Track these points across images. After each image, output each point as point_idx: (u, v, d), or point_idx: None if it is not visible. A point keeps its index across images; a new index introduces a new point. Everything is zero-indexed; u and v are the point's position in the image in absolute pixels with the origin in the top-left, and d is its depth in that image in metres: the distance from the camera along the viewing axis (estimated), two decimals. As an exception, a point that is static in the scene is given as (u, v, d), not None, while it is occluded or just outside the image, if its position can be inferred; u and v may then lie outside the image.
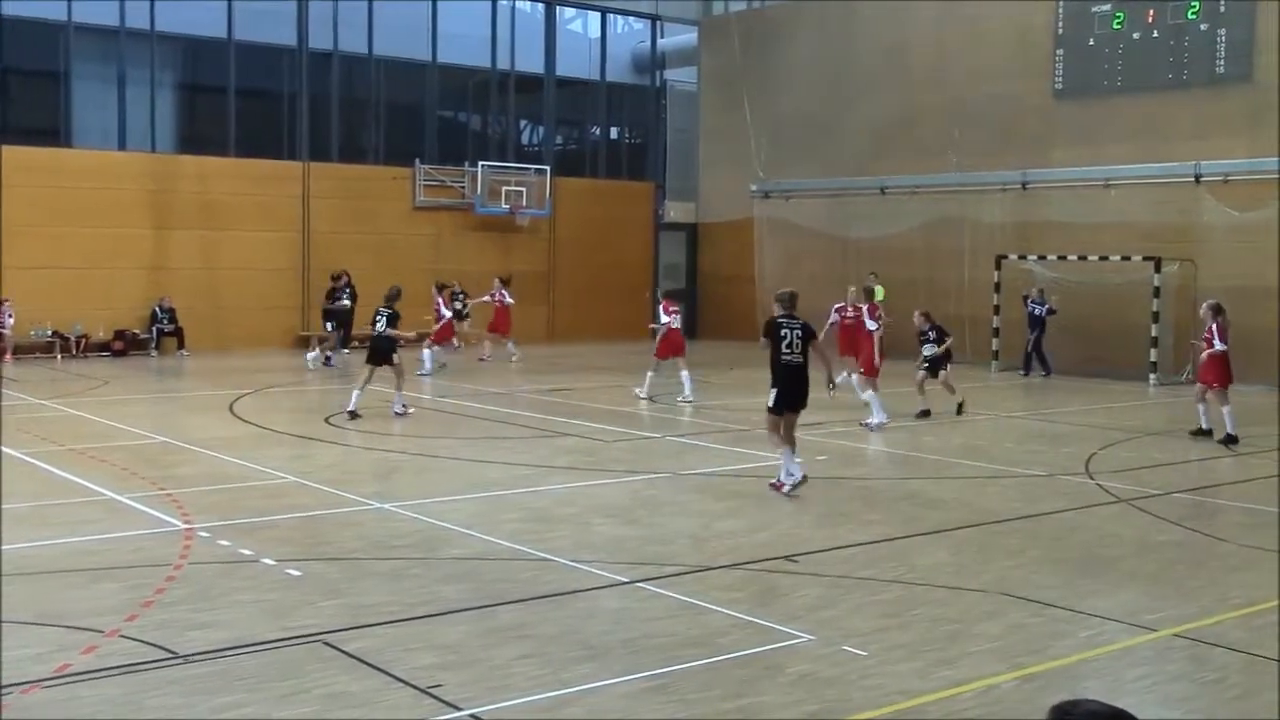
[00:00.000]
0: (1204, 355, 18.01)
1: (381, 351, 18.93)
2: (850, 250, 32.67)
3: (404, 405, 18.97)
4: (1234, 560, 10.48)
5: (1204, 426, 18.04)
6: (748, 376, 25.67)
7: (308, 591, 8.89)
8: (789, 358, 12.86)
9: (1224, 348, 17.87)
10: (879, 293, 30.52)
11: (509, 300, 28.45)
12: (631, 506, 12.27)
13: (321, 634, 7.84)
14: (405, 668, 7.21)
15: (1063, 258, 27.77)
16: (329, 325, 27.78)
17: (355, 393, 18.78)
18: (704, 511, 12.09)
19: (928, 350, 19.89)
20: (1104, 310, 27.25)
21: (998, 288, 28.60)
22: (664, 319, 21.90)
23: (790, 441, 13.02)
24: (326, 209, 32.33)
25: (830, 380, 13.30)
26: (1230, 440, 17.68)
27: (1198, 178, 26.37)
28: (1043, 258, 28.25)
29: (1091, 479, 14.42)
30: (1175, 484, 14.44)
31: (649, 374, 21.78)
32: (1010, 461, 15.63)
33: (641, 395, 21.54)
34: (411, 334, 21.34)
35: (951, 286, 30.54)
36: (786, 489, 12.88)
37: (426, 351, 25.61)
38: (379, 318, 19.10)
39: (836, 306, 20.78)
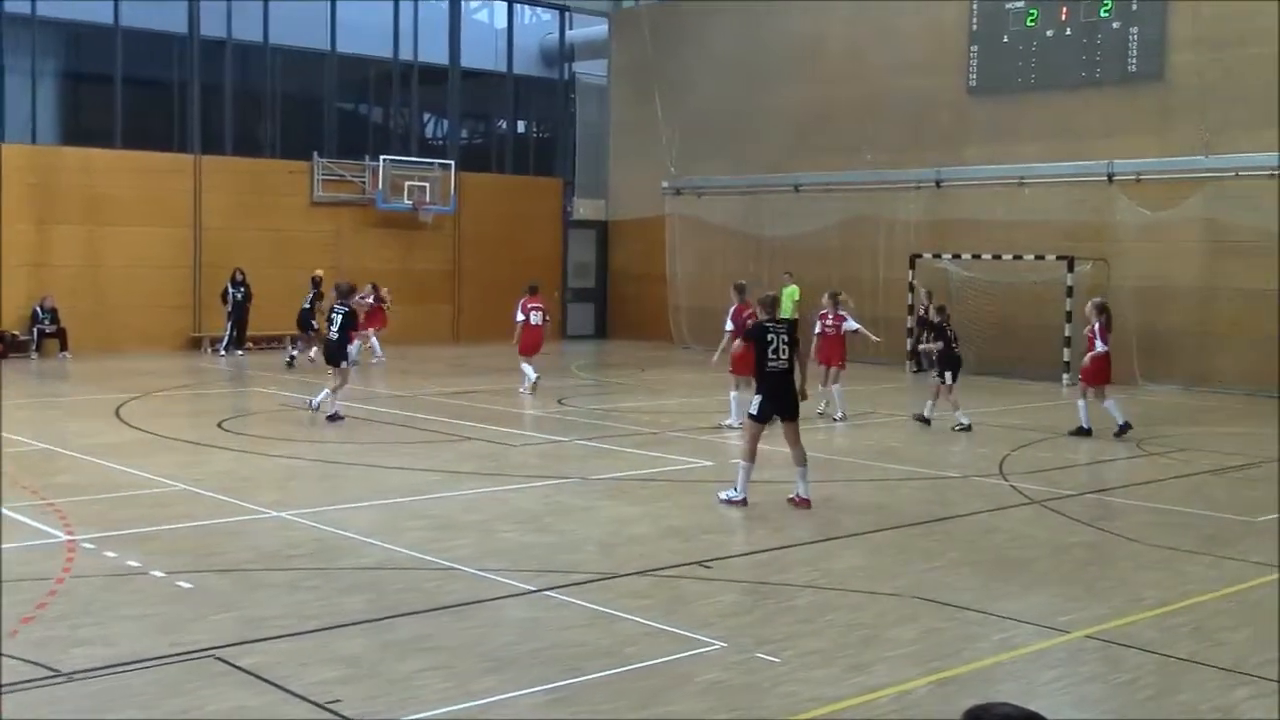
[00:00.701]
0: (1087, 356, 18.60)
1: (336, 351, 19.13)
2: (764, 249, 32.91)
3: (336, 409, 18.92)
4: (1145, 560, 10.74)
5: (1084, 425, 18.53)
6: (660, 378, 25.78)
7: (199, 605, 8.74)
8: (775, 364, 12.67)
9: (1105, 348, 18.41)
10: (794, 293, 30.92)
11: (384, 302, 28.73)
12: (539, 513, 12.24)
13: (214, 649, 7.71)
14: (302, 683, 7.12)
15: (977, 257, 28.24)
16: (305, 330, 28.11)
17: (325, 392, 18.91)
18: (614, 517, 12.10)
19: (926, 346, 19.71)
20: (1019, 310, 27.74)
21: (912, 288, 29.00)
22: (519, 315, 22.92)
23: (798, 451, 12.74)
24: (220, 204, 31.82)
25: (803, 390, 12.92)
26: (1125, 429, 18.30)
27: (1110, 176, 26.97)
28: (957, 257, 28.71)
29: (1005, 480, 14.67)
30: (1087, 484, 14.75)
31: (524, 366, 22.95)
32: (925, 463, 15.85)
33: (524, 390, 22.59)
34: (364, 330, 21.53)
35: (866, 286, 30.88)
36: (725, 497, 12.70)
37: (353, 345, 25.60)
38: (335, 317, 19.19)
39: (820, 314, 21.02)
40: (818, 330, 20.49)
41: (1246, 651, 8.12)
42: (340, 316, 19.10)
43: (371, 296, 28.57)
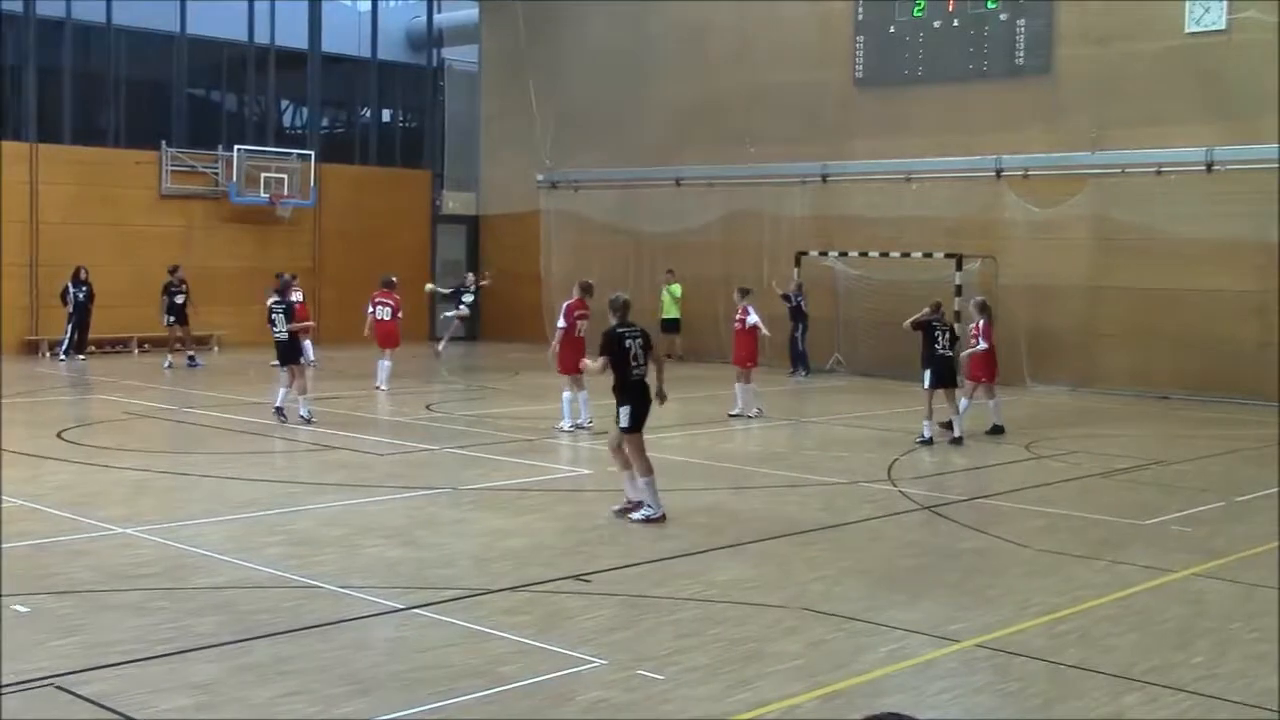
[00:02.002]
0: (965, 354, 19.17)
1: (287, 351, 19.32)
2: (644, 246, 33.05)
3: (308, 410, 19.14)
4: (1034, 566, 11.03)
5: (997, 423, 19.19)
6: (535, 382, 25.74)
7: (38, 630, 8.51)
8: (638, 371, 12.58)
9: (985, 345, 19.03)
10: (677, 290, 31.06)
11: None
12: (407, 526, 12.15)
13: (54, 677, 7.51)
14: (152, 711, 6.98)
15: (864, 254, 28.70)
16: (170, 320, 28.35)
17: (282, 391, 19.13)
18: (487, 530, 12.05)
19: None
20: (907, 309, 28.00)
21: (800, 289, 29.26)
22: (369, 309, 24.09)
23: (643, 464, 12.56)
24: (59, 196, 30.97)
25: (661, 393, 12.81)
26: (997, 430, 19.01)
27: (999, 172, 27.61)
28: (844, 254, 29.14)
29: (894, 485, 14.95)
30: (976, 489, 15.10)
31: (381, 363, 23.73)
32: (811, 469, 16.07)
33: (381, 387, 23.38)
34: (311, 323, 21.66)
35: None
36: (642, 516, 12.46)
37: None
38: (275, 316, 19.30)
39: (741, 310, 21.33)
40: (736, 328, 21.14)
41: (1134, 657, 8.39)
42: (281, 314, 19.26)
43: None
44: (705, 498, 14.01)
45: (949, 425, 18.67)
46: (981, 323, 19.34)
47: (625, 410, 12.60)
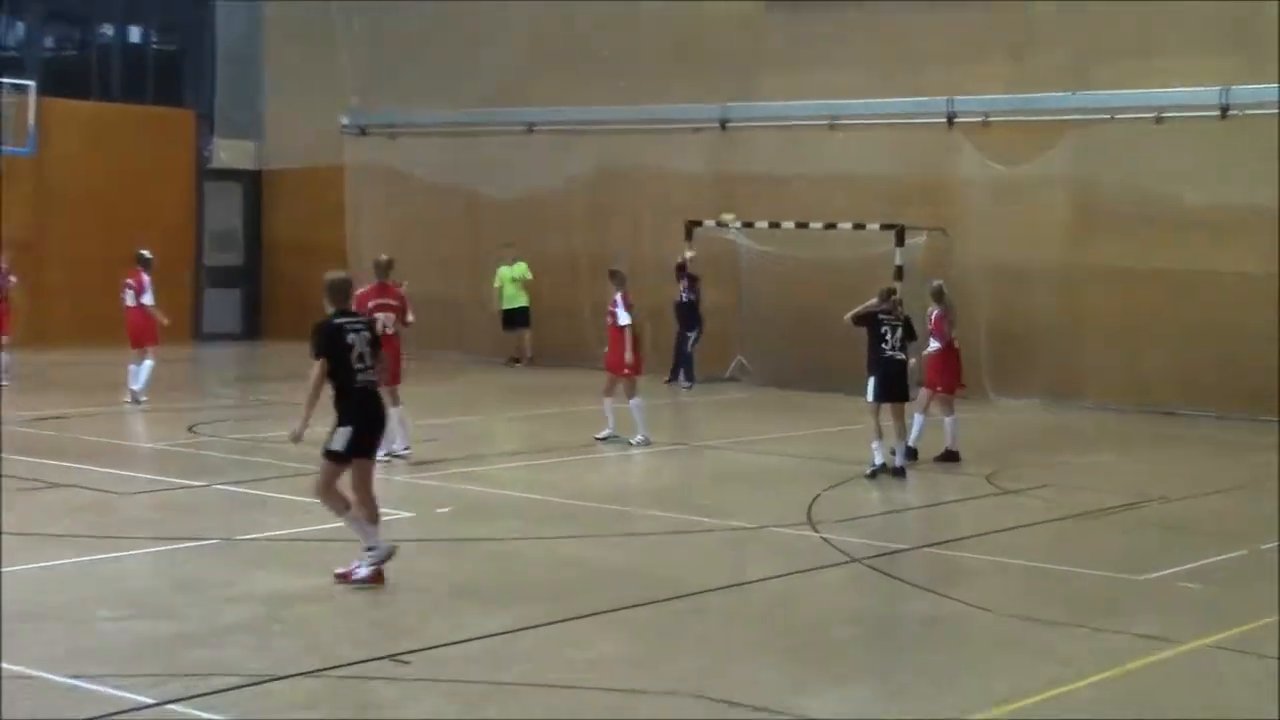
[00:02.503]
0: (921, 354, 19.45)
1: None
2: (485, 212, 32.91)
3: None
4: (999, 637, 11.14)
5: (950, 448, 19.38)
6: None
7: None
8: (364, 376, 12.37)
9: (938, 345, 19.22)
10: (522, 271, 30.86)
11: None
12: (161, 590, 11.92)
13: None
14: None
15: (776, 225, 28.86)
16: None
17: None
18: (271, 593, 11.86)
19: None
20: (831, 299, 28.36)
21: (683, 266, 29.34)
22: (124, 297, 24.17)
23: (371, 505, 12.37)
24: None
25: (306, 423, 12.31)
26: (950, 457, 19.25)
27: (951, 118, 27.96)
28: (749, 224, 29.29)
29: (815, 531, 14.98)
30: (923, 535, 15.23)
31: (133, 367, 23.49)
32: (706, 510, 16.08)
33: (138, 395, 23.40)
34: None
35: (626, 264, 31.18)
36: (363, 572, 12.16)
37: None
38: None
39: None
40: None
41: (1132, 757, 8.49)
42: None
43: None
44: (563, 549, 13.93)
45: (912, 453, 19.07)
46: (935, 314, 19.51)
47: (344, 432, 12.17)
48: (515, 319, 31.17)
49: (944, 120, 28.06)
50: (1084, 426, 24.17)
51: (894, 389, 18.30)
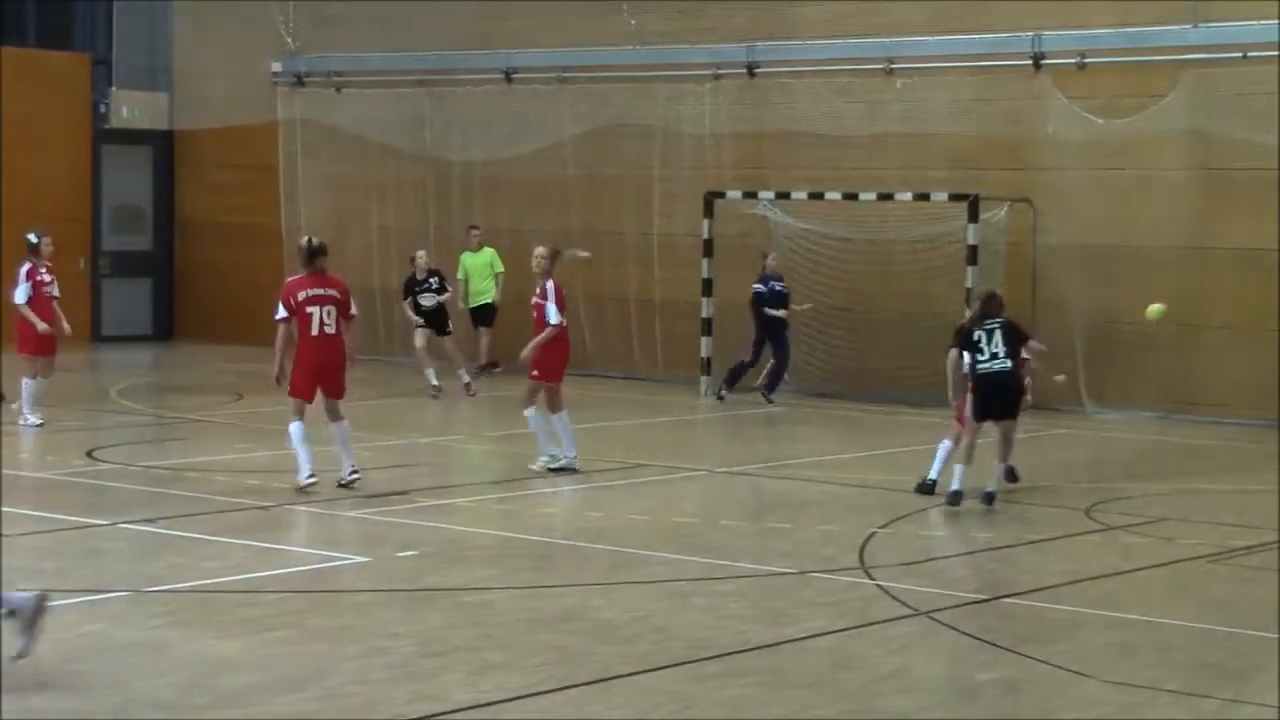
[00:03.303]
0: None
1: None
2: (455, 181, 32.95)
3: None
4: (1102, 709, 11.11)
5: (937, 483, 19.19)
6: (274, 409, 25.47)
7: None
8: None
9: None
10: (493, 261, 30.43)
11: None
12: (54, 660, 11.80)
13: None
14: None
15: (817, 196, 28.87)
16: None
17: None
18: (191, 659, 11.86)
19: None
20: (888, 287, 28.43)
21: (709, 248, 29.41)
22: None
23: None
24: None
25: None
26: (1010, 474, 19.33)
27: (1038, 60, 27.94)
28: (784, 196, 29.28)
29: (870, 577, 15.00)
30: (1005, 582, 15.21)
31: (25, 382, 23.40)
32: (735, 551, 16.09)
33: (29, 419, 23.33)
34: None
35: (630, 244, 31.23)
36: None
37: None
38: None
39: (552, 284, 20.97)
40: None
41: None
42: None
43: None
44: (559, 601, 13.93)
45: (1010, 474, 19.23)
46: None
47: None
48: (481, 316, 30.94)
49: (1029, 62, 28.04)
50: (1206, 446, 24.12)
51: (992, 405, 18.43)
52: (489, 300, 30.89)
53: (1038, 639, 13.02)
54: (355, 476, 18.62)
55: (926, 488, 19.04)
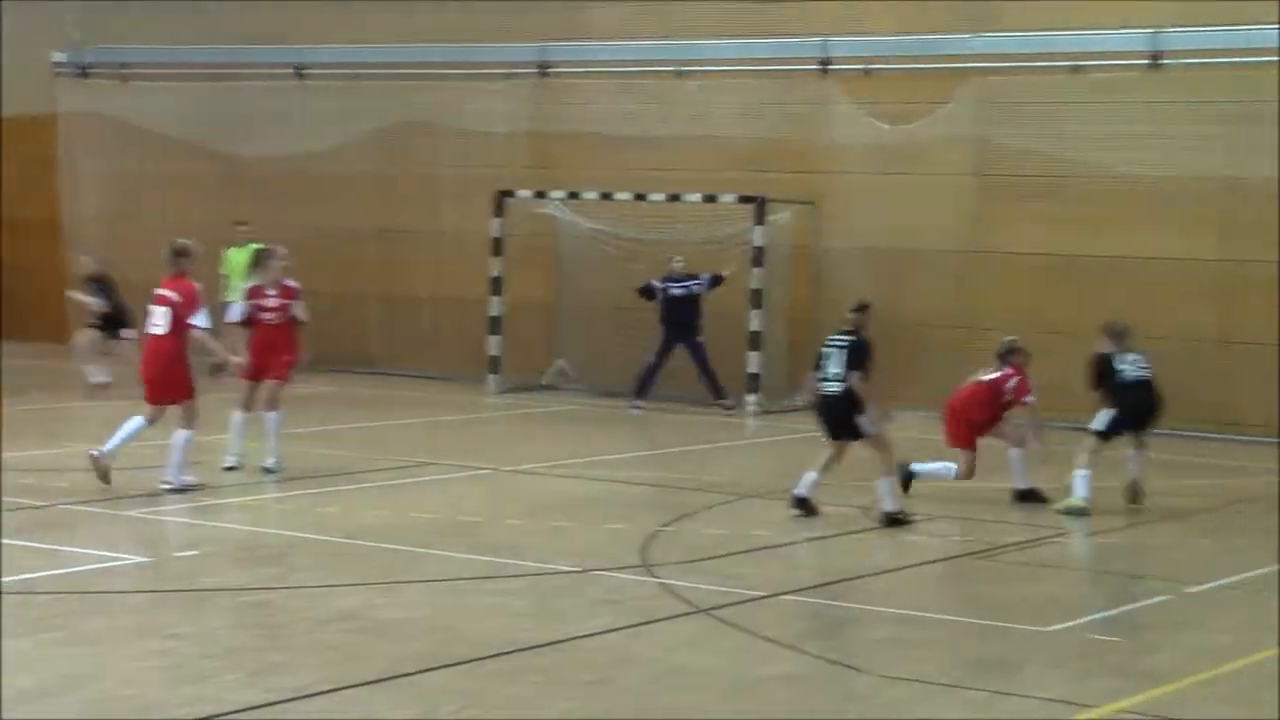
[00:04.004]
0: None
1: None
2: (243, 179, 32.63)
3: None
4: (876, 701, 11.29)
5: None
6: (55, 408, 25.19)
7: None
8: None
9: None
10: (239, 257, 29.57)
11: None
12: None
13: None
14: None
15: (607, 196, 29.00)
16: None
17: None
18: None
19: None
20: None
21: (499, 246, 29.42)
22: None
23: None
24: None
25: None
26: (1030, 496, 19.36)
27: (825, 64, 28.24)
28: (575, 196, 29.34)
29: (652, 575, 15.11)
30: (784, 579, 15.32)
31: None
32: (519, 549, 16.10)
33: None
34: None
35: (425, 244, 31.12)
36: None
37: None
38: None
39: (251, 288, 20.48)
40: (244, 314, 20.40)
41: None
42: None
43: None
44: (341, 600, 13.89)
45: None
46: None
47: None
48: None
49: (817, 67, 28.33)
50: (992, 445, 24.45)
51: (828, 428, 18.25)
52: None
53: (816, 635, 13.23)
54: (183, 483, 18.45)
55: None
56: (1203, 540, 17.74)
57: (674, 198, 28.33)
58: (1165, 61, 25.81)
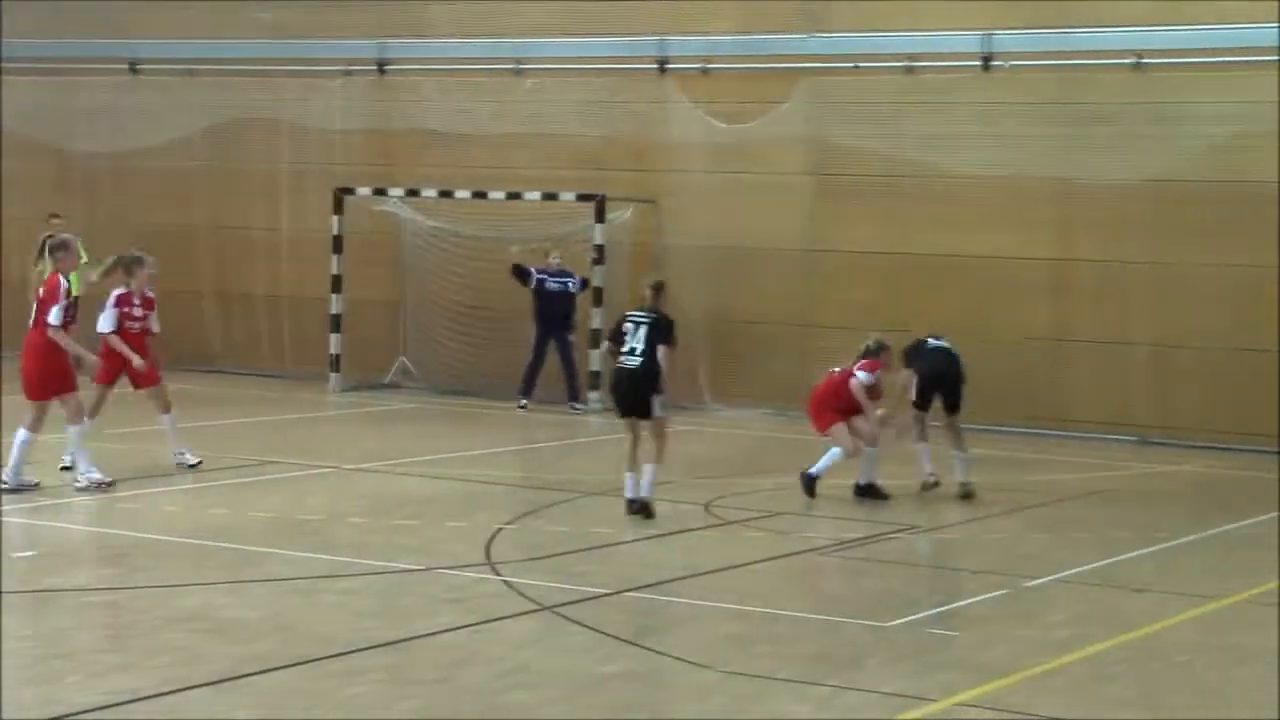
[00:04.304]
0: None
1: None
2: (77, 173, 32.35)
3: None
4: (717, 697, 11.39)
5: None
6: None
7: None
8: None
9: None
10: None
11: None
12: None
13: None
14: None
15: (447, 194, 28.96)
16: None
17: None
18: None
19: None
20: (515, 285, 28.48)
21: (339, 244, 29.31)
22: None
23: None
24: None
25: None
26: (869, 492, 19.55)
27: (663, 64, 28.36)
28: (414, 193, 29.27)
29: (496, 573, 15.16)
30: (627, 576, 15.39)
31: None
32: (361, 548, 16.11)
33: None
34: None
35: (258, 240, 30.91)
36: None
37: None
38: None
39: (119, 295, 20.20)
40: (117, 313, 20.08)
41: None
42: None
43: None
44: (183, 600, 13.85)
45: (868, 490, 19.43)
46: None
47: None
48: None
49: (655, 66, 28.45)
50: (821, 441, 24.65)
51: (622, 403, 18.34)
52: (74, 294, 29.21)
53: (658, 631, 13.30)
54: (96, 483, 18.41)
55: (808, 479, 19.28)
56: (1039, 535, 17.99)
57: (514, 196, 28.31)
58: (996, 63, 26.11)
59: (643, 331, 17.97)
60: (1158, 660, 12.75)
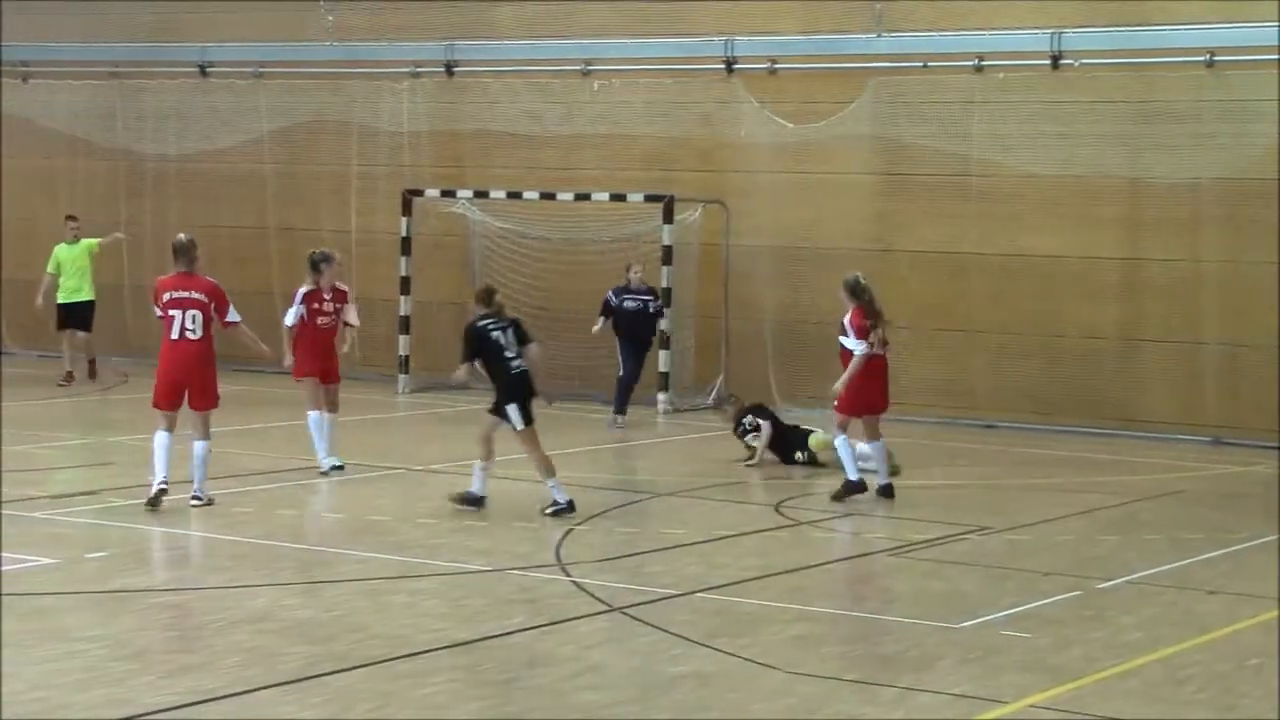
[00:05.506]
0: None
1: None
2: (148, 176, 32.43)
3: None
4: (786, 699, 11.33)
5: (851, 478, 19.24)
6: None
7: None
8: None
9: (863, 349, 19.46)
10: (81, 249, 28.97)
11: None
12: None
13: None
14: None
15: (515, 196, 28.96)
16: None
17: None
18: None
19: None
20: (584, 287, 28.49)
21: (407, 246, 29.34)
22: None
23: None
24: None
25: None
26: (885, 491, 19.43)
27: (730, 63, 28.30)
28: (483, 195, 29.28)
29: (566, 574, 15.14)
30: (697, 577, 15.35)
31: None
32: (432, 549, 16.14)
33: None
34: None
35: (327, 241, 30.87)
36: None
37: None
38: None
39: (308, 292, 20.31)
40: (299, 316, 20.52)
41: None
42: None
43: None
44: (253, 601, 13.86)
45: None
46: (850, 314, 19.78)
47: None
48: (73, 317, 28.88)
49: (721, 66, 28.39)
50: (892, 442, 24.57)
51: (528, 408, 18.31)
52: (87, 298, 29.11)
53: (727, 633, 13.21)
54: (196, 503, 17.90)
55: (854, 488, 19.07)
56: (1111, 536, 17.85)
57: (582, 197, 28.32)
58: (1066, 61, 25.94)
59: (509, 335, 18.08)
60: (1230, 663, 12.57)
